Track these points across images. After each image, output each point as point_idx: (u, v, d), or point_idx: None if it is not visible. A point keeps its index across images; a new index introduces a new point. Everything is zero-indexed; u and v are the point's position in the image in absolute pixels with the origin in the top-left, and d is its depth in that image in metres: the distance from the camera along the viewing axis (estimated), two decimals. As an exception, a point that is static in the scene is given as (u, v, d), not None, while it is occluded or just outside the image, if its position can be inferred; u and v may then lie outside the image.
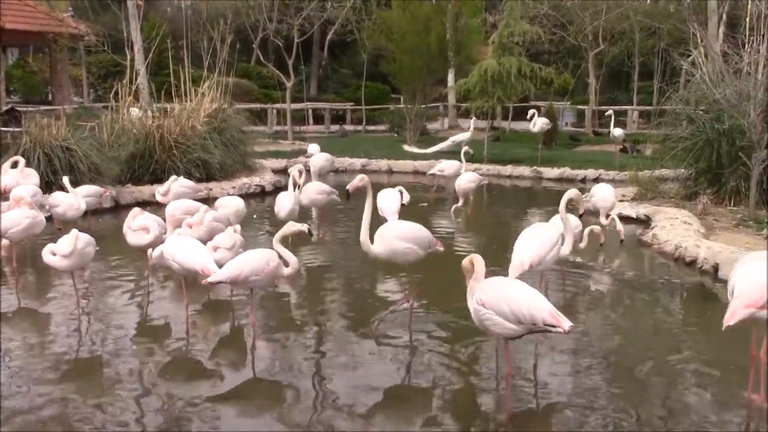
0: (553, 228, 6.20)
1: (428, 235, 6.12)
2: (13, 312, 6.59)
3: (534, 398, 4.85)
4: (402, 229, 6.06)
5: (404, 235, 5.95)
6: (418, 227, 6.15)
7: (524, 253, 5.78)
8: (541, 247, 5.84)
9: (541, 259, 5.81)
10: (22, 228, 7.32)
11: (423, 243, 6.02)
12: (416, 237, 5.99)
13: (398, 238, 5.90)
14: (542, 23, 25.06)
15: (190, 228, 7.05)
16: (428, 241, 6.10)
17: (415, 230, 6.08)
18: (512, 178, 15.58)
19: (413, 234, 6.01)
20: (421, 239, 6.02)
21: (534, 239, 5.91)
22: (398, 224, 6.23)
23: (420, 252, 6.00)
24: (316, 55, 33.37)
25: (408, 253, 5.93)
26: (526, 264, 5.72)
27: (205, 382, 5.05)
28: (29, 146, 11.01)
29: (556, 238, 5.98)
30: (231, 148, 13.96)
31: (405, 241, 5.91)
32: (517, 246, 5.92)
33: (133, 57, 15.77)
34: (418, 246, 5.96)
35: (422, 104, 22.27)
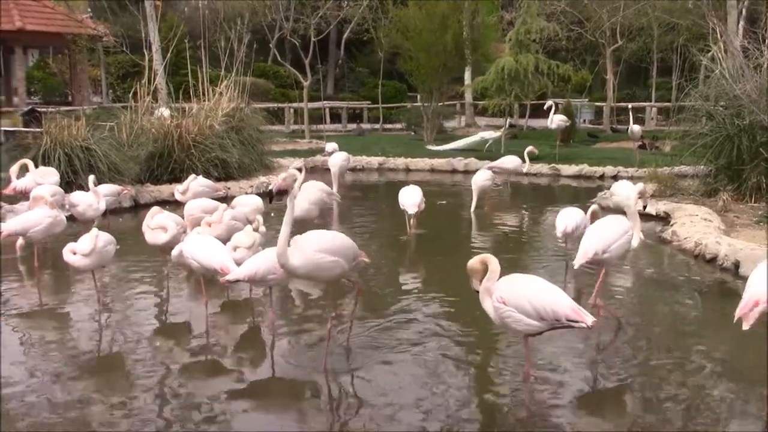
0: (621, 220, 6.33)
1: (353, 246, 5.36)
2: (35, 310, 6.67)
3: (553, 396, 4.83)
4: (323, 239, 5.20)
5: (326, 246, 5.10)
6: (341, 237, 5.43)
7: (590, 243, 5.97)
8: (607, 237, 6.02)
9: (606, 248, 5.98)
10: (43, 227, 7.38)
11: (348, 255, 5.24)
12: (340, 248, 5.18)
13: (320, 251, 5.05)
14: (559, 20, 24.95)
15: (209, 227, 7.08)
16: (353, 252, 5.32)
17: (338, 240, 5.30)
18: (530, 176, 15.52)
19: (336, 245, 5.19)
20: (346, 250, 5.24)
21: (601, 230, 6.10)
22: (318, 234, 5.31)
23: (345, 266, 5.20)
24: (333, 54, 33.41)
25: (332, 267, 5.10)
26: (590, 253, 5.89)
27: (224, 381, 5.07)
28: (50, 146, 11.12)
29: (623, 229, 6.16)
30: (249, 147, 14.02)
31: (327, 254, 5.07)
32: (585, 236, 6.09)
33: (152, 57, 15.87)
34: (344, 259, 5.17)
35: (439, 102, 22.25)
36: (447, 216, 11.51)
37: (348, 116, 26.93)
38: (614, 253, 6.11)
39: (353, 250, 5.33)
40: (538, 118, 24.73)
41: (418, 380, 5.03)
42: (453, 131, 24.88)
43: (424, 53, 20.81)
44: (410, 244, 9.50)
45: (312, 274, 5.18)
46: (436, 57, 20.71)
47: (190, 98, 14.52)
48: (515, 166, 13.44)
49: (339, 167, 12.65)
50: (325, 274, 5.17)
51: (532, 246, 9.56)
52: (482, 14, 22.55)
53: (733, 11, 16.32)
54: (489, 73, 17.87)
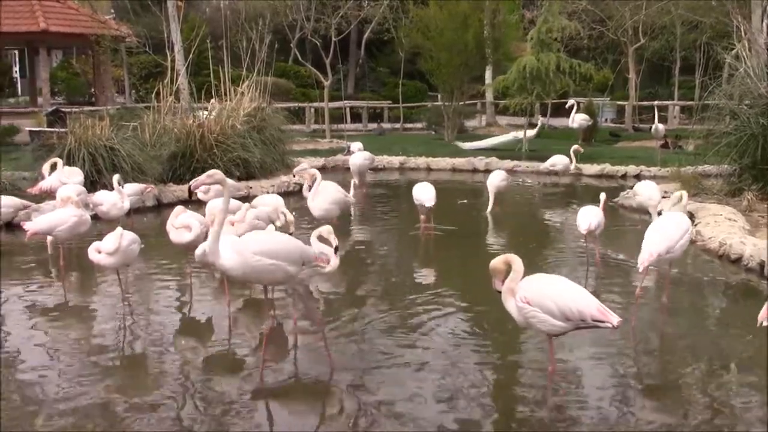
0: (681, 218, 6.32)
1: (300, 249, 5.06)
2: (60, 308, 6.75)
3: (575, 396, 4.82)
4: (263, 241, 5.00)
5: (265, 248, 4.85)
6: (286, 239, 5.24)
7: (653, 243, 5.91)
8: (670, 237, 5.99)
9: (670, 249, 5.96)
10: (69, 226, 7.46)
11: (292, 258, 4.95)
12: (282, 251, 4.91)
13: (258, 253, 4.79)
14: (581, 18, 24.76)
15: (232, 226, 7.12)
16: (300, 255, 5.02)
17: (281, 243, 5.07)
18: (551, 175, 15.44)
19: (278, 248, 4.94)
20: (289, 254, 4.94)
21: (663, 230, 6.06)
22: (259, 235, 5.15)
23: (290, 269, 4.92)
24: (354, 54, 33.43)
25: (273, 270, 4.83)
26: (654, 254, 5.86)
27: (246, 379, 5.10)
28: (74, 146, 11.26)
29: (684, 228, 6.14)
30: (270, 146, 14.08)
31: (266, 257, 4.80)
32: (646, 236, 6.05)
33: (174, 58, 15.98)
34: (287, 262, 4.90)
35: (460, 102, 22.20)
36: (467, 215, 11.49)
37: (368, 116, 26.93)
38: (677, 253, 6.08)
39: (300, 254, 5.02)
40: (559, 117, 24.60)
41: (437, 378, 5.03)
42: (474, 130, 24.82)
43: (445, 52, 20.76)
44: (430, 242, 9.50)
45: (249, 277, 4.96)
46: (457, 56, 20.66)
47: (212, 98, 14.60)
48: (564, 166, 13.52)
49: (359, 166, 12.67)
50: (266, 277, 4.92)
51: (552, 246, 9.53)
52: (503, 13, 22.45)
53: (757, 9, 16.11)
54: (510, 72, 17.77)
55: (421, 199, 9.56)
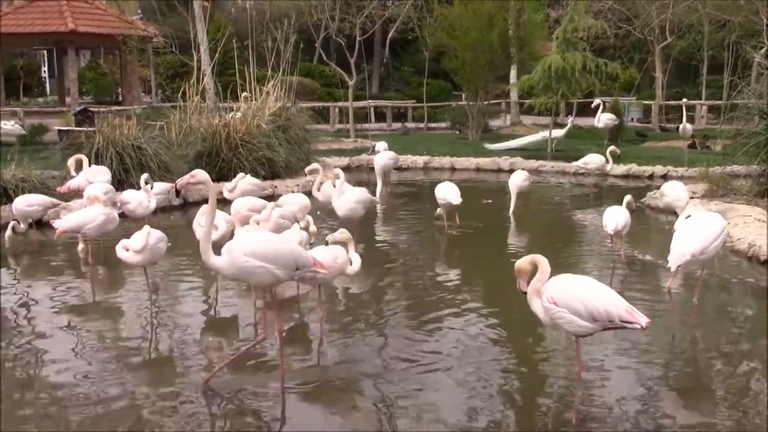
0: (716, 218, 6.18)
1: (292, 252, 4.98)
2: (88, 305, 6.83)
3: (602, 397, 4.78)
4: (254, 242, 4.91)
5: (255, 251, 4.78)
6: (279, 242, 5.15)
7: (687, 244, 5.78)
8: (705, 238, 5.85)
9: (704, 250, 5.83)
10: (97, 224, 7.55)
11: (282, 262, 4.86)
12: (272, 255, 4.83)
13: (247, 254, 4.73)
14: (607, 17, 24.58)
15: (257, 225, 7.15)
16: (290, 259, 4.93)
17: (271, 245, 4.94)
18: (577, 175, 15.35)
19: (268, 251, 4.84)
20: (279, 258, 4.85)
21: (697, 230, 5.90)
22: (253, 237, 5.10)
23: (278, 273, 4.83)
24: (378, 53, 33.44)
25: (260, 273, 4.77)
26: (687, 255, 5.73)
27: (272, 376, 5.12)
28: (102, 145, 11.39)
29: (719, 229, 5.99)
30: (295, 146, 14.12)
31: (255, 258, 4.74)
32: (678, 235, 5.91)
33: (200, 57, 16.10)
34: (276, 266, 4.82)
35: (484, 101, 22.12)
36: (491, 215, 11.45)
37: (393, 115, 26.92)
38: (711, 254, 5.96)
39: (291, 258, 4.94)
40: (585, 116, 24.42)
41: (460, 378, 5.03)
42: (498, 130, 24.72)
43: (470, 52, 20.70)
44: (454, 241, 9.49)
45: (239, 278, 4.97)
46: (481, 55, 20.59)
47: (238, 98, 14.69)
48: (598, 165, 13.42)
49: (383, 166, 12.65)
50: (254, 279, 4.88)
51: (578, 246, 9.47)
52: (528, 12, 22.34)
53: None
54: (535, 72, 17.66)
55: (447, 197, 9.56)
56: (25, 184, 10.34)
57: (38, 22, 21.74)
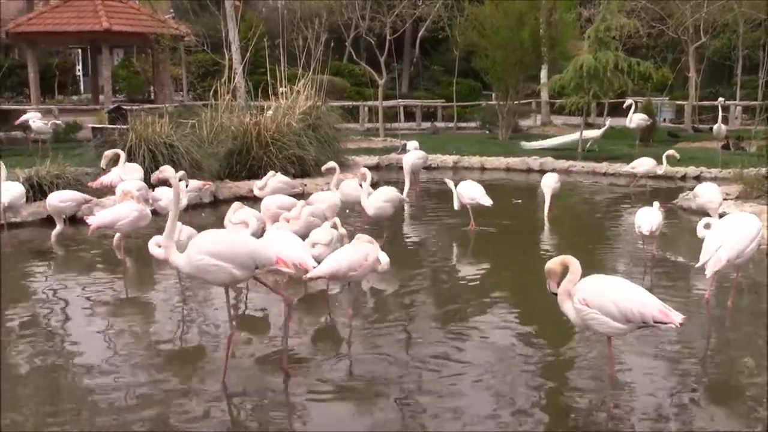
0: (752, 220, 5.98)
1: (250, 252, 4.93)
2: (120, 300, 6.92)
3: (635, 400, 4.74)
4: (211, 242, 4.88)
5: (212, 249, 4.79)
6: (236, 241, 5.10)
7: (723, 248, 5.60)
8: (741, 242, 5.67)
9: (739, 254, 5.65)
10: (130, 221, 7.64)
11: (239, 261, 4.84)
12: (228, 253, 4.82)
13: (203, 252, 4.77)
14: (640, 16, 24.32)
15: (287, 222, 7.20)
16: (247, 258, 4.88)
17: (227, 244, 4.92)
18: (608, 176, 15.21)
19: (224, 250, 4.83)
20: (236, 257, 4.83)
21: (733, 233, 5.71)
22: (210, 236, 5.01)
23: (235, 272, 4.81)
24: (408, 53, 33.43)
25: (215, 272, 4.78)
26: (723, 260, 5.58)
27: (300, 375, 5.13)
28: (135, 143, 11.52)
29: (756, 231, 5.80)
30: (325, 144, 14.15)
31: (211, 257, 4.76)
32: (712, 238, 5.74)
33: (231, 56, 16.20)
34: (233, 265, 4.80)
35: (515, 101, 22.01)
36: (521, 215, 11.39)
37: (422, 115, 26.90)
38: (747, 257, 5.78)
39: (250, 257, 4.90)
40: (616, 116, 24.19)
41: (489, 379, 5.01)
42: (528, 130, 24.59)
43: (500, 51, 20.61)
44: (484, 242, 9.46)
45: (197, 276, 4.95)
46: (512, 54, 20.50)
47: (268, 96, 14.76)
48: (648, 169, 13.21)
49: (412, 165, 12.61)
50: (210, 277, 4.87)
51: (609, 247, 9.38)
52: (560, 11, 22.19)
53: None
54: (567, 71, 17.50)
55: (476, 197, 9.53)
56: (60, 180, 10.51)
57: (73, 21, 22.02)
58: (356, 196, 9.41)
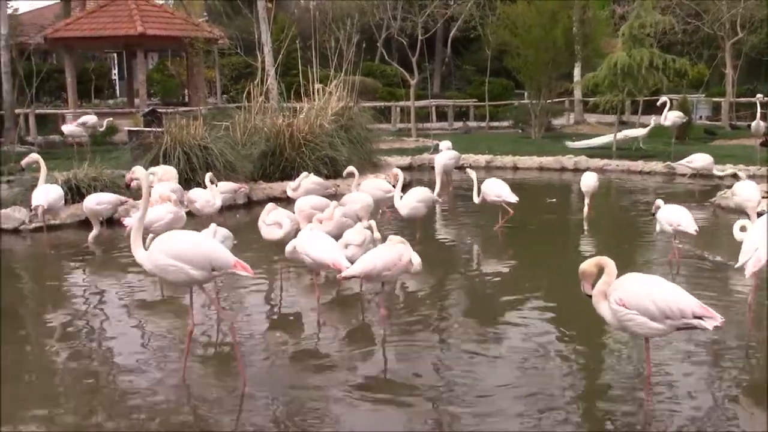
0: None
1: (207, 254, 4.94)
2: (156, 301, 7.00)
3: (673, 403, 4.68)
4: (169, 243, 4.95)
5: (170, 250, 4.87)
6: (193, 242, 5.04)
7: (762, 248, 5.50)
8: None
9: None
10: (165, 222, 7.73)
11: (198, 263, 4.87)
12: (186, 255, 4.86)
13: (162, 252, 4.87)
14: (675, 13, 24.02)
15: (320, 223, 7.23)
16: (204, 260, 4.90)
17: (184, 245, 4.94)
18: (643, 174, 15.03)
19: (182, 251, 4.87)
20: (194, 259, 4.87)
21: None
22: (171, 237, 5.07)
23: (193, 272, 4.85)
24: (440, 52, 33.38)
25: (175, 272, 4.85)
26: (763, 260, 5.49)
27: (335, 375, 5.15)
28: (170, 145, 11.66)
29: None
30: (357, 145, 14.18)
31: (169, 258, 4.84)
32: (752, 237, 5.66)
33: (264, 58, 16.32)
34: (191, 266, 4.84)
35: (547, 99, 21.86)
36: (555, 214, 11.30)
37: (454, 114, 26.84)
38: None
39: (206, 260, 4.91)
40: (651, 114, 23.90)
41: (523, 381, 4.98)
42: (561, 128, 24.41)
43: (533, 49, 20.50)
44: (517, 241, 9.41)
45: (160, 275, 5.06)
46: (545, 53, 20.37)
47: (301, 98, 14.84)
48: (704, 165, 12.99)
49: (443, 165, 12.54)
50: (170, 277, 4.94)
51: (642, 245, 9.25)
52: (593, 8, 22.01)
53: None
54: (600, 69, 17.35)
55: (502, 194, 9.50)
56: (97, 183, 10.67)
57: (109, 26, 22.37)
58: (378, 196, 9.42)
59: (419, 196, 9.08)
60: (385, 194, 9.58)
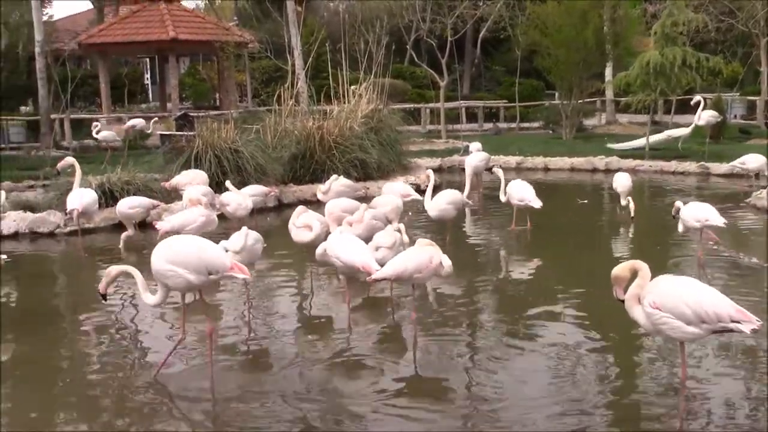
0: None
1: (201, 257, 4.98)
2: (188, 305, 7.03)
3: (709, 408, 4.60)
4: (167, 247, 5.04)
5: (167, 255, 4.97)
6: (187, 246, 5.09)
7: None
8: None
9: None
10: (197, 225, 7.80)
11: (193, 266, 4.92)
12: (182, 259, 4.94)
13: (160, 257, 4.98)
14: (708, 10, 23.68)
15: (350, 226, 7.24)
16: (199, 263, 4.94)
17: (178, 249, 5.02)
18: (676, 174, 14.84)
19: (177, 255, 4.96)
20: (189, 263, 4.93)
21: None
22: (170, 241, 5.16)
23: (189, 276, 4.91)
24: (469, 53, 33.27)
25: (172, 276, 4.93)
26: None
27: (365, 378, 5.16)
28: (201, 149, 11.75)
29: None
30: (387, 147, 14.19)
31: (166, 262, 4.93)
32: None
33: (294, 62, 16.41)
34: (187, 270, 4.91)
35: (578, 100, 21.69)
36: (587, 215, 11.20)
37: (484, 115, 26.74)
38: None
39: (201, 263, 4.95)
40: (684, 114, 23.59)
41: (557, 382, 4.93)
42: (593, 129, 24.19)
43: (564, 49, 20.35)
44: (547, 243, 9.34)
45: (160, 281, 5.04)
46: (575, 53, 20.22)
47: (331, 100, 14.89)
48: (758, 166, 12.79)
49: (473, 167, 12.49)
50: (170, 282, 4.97)
51: (676, 247, 9.13)
52: (624, 7, 21.79)
53: None
54: (632, 68, 17.15)
55: (526, 197, 9.41)
56: (130, 186, 10.79)
57: (141, 32, 22.66)
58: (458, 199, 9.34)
59: (449, 198, 9.04)
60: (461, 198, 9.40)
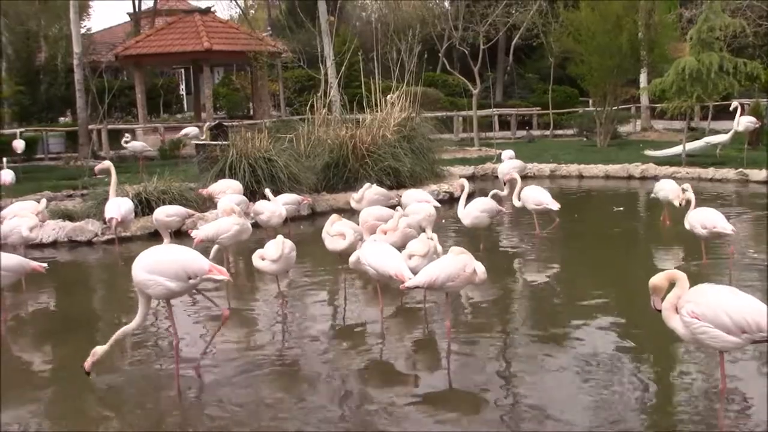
0: None
1: (179, 264, 4.98)
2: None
3: (745, 417, 4.51)
4: (145, 256, 5.03)
5: (146, 264, 4.97)
6: (163, 253, 5.12)
7: None
8: None
9: None
10: (232, 234, 7.86)
11: (172, 273, 4.93)
12: (159, 267, 4.95)
13: (139, 267, 4.97)
14: (746, 15, 23.35)
15: (384, 234, 7.24)
16: (178, 269, 4.95)
17: (155, 257, 5.02)
18: (714, 182, 14.62)
19: (156, 264, 4.96)
20: (166, 269, 4.94)
21: None
22: (149, 250, 5.14)
23: (169, 284, 4.91)
24: (502, 61, 33.21)
25: (152, 285, 4.92)
26: None
27: (399, 387, 5.15)
28: (235, 158, 11.86)
29: None
30: (419, 155, 14.19)
31: (144, 271, 4.94)
32: None
33: (326, 71, 16.50)
34: (166, 277, 4.91)
35: (613, 106, 21.50)
36: (623, 223, 11.07)
37: (517, 123, 26.64)
38: None
39: (180, 269, 4.96)
40: (721, 120, 23.27)
41: (592, 392, 4.87)
42: (627, 136, 23.95)
43: (597, 56, 20.21)
44: (582, 251, 9.25)
45: (142, 290, 5.02)
46: (609, 59, 20.07)
47: (363, 109, 14.94)
48: None
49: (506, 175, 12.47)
50: (151, 292, 4.97)
51: (714, 255, 8.98)
52: (659, 12, 21.57)
53: None
54: (668, 74, 16.94)
55: (543, 201, 9.37)
56: (166, 195, 10.94)
57: (177, 43, 23.00)
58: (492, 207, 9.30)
59: (482, 206, 9.01)
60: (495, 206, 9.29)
